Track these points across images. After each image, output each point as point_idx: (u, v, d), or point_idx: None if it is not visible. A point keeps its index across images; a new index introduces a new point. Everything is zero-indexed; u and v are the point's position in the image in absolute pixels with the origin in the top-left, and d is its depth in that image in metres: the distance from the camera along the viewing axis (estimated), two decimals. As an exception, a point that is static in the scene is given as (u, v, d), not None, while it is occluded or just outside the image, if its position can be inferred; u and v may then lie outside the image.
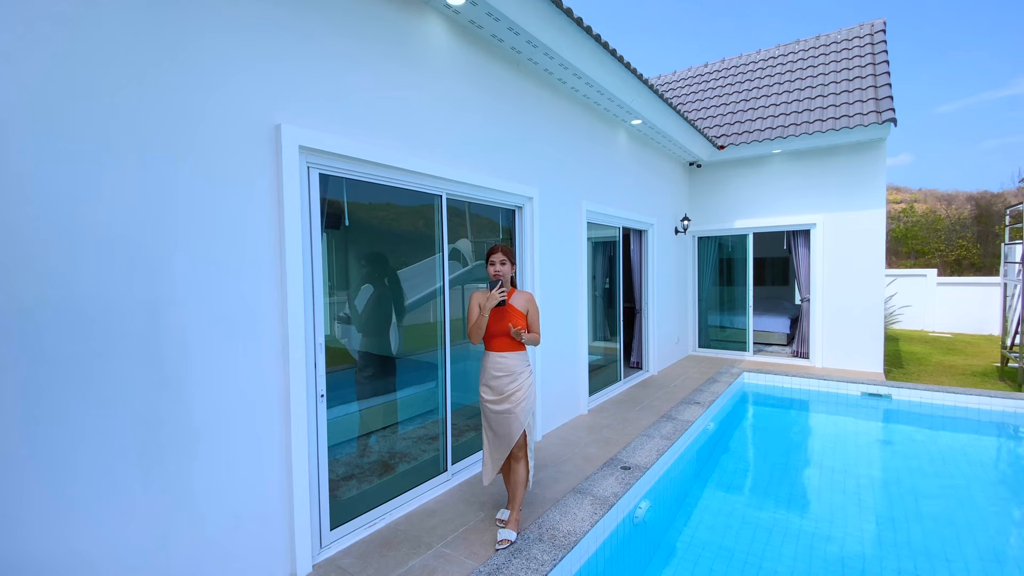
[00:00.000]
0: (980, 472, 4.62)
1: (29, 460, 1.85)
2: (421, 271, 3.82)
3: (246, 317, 2.50)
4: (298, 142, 2.69)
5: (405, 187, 3.49)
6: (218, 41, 2.38)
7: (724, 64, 10.93)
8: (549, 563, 2.73)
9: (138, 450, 2.12)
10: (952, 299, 12.68)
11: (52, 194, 1.89)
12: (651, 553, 3.43)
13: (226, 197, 2.41)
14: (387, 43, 3.28)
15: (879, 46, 8.70)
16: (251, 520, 2.53)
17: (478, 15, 3.68)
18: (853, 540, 3.39)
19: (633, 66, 5.18)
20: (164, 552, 2.20)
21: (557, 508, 3.36)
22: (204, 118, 2.33)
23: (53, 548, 1.90)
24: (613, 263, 6.84)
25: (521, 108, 4.61)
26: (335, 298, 3.21)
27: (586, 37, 4.40)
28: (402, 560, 2.85)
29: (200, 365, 2.32)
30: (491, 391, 3.09)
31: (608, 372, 6.68)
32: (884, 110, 7.01)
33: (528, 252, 4.75)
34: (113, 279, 2.05)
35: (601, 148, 6.09)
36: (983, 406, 5.99)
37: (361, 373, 3.52)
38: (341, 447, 3.30)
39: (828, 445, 5.43)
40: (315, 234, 2.88)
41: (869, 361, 7.67)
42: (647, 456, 4.22)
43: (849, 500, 3.97)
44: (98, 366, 2.01)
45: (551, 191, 5.07)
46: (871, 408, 6.46)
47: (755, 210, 8.61)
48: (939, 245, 23.08)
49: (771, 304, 10.86)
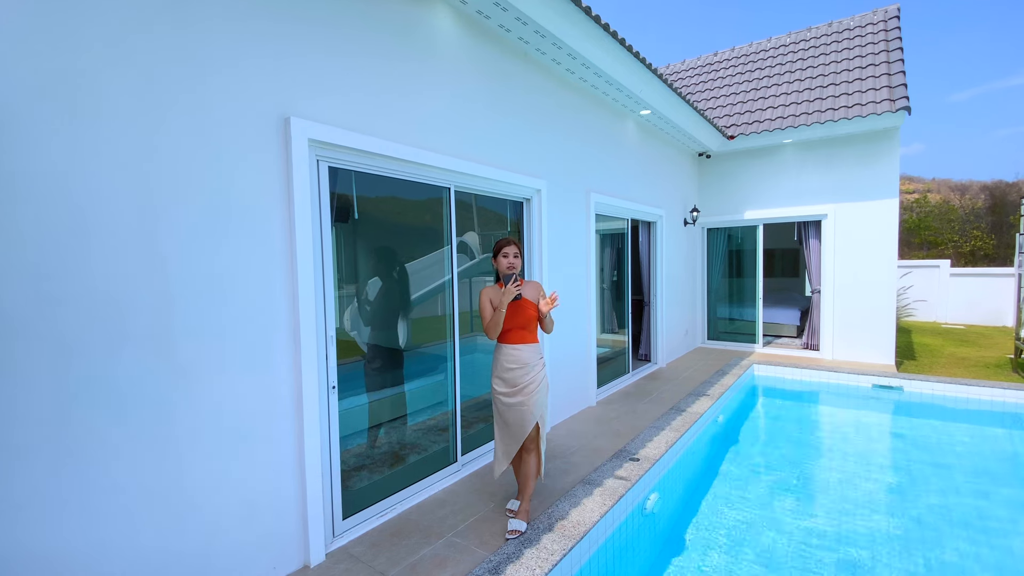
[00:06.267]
0: (993, 465, 4.57)
1: (66, 456, 1.89)
2: (429, 264, 3.82)
3: (259, 309, 2.52)
4: (307, 135, 2.69)
5: (413, 180, 3.49)
6: (226, 33, 2.38)
7: (734, 52, 10.77)
8: (559, 553, 2.75)
9: (152, 441, 2.15)
10: (965, 290, 12.49)
11: (66, 191, 1.91)
12: (661, 544, 3.44)
13: (236, 191, 2.42)
14: (394, 34, 3.26)
15: (893, 32, 8.52)
16: (265, 510, 2.57)
17: (485, 5, 3.65)
18: (861, 534, 3.38)
19: (642, 55, 5.12)
20: (179, 541, 2.24)
21: (567, 499, 3.38)
22: (214, 110, 2.34)
23: (72, 540, 1.94)
24: (621, 255, 6.80)
25: (529, 100, 4.57)
26: (344, 291, 3.22)
27: (594, 26, 4.35)
28: (413, 549, 2.88)
29: (216, 356, 2.34)
30: (504, 383, 3.10)
31: (617, 364, 6.67)
32: (898, 98, 6.88)
33: (536, 244, 4.74)
34: (129, 271, 2.07)
35: (609, 139, 6.04)
36: (996, 398, 5.92)
37: (370, 365, 3.55)
38: (352, 438, 3.34)
39: (838, 438, 5.40)
40: (325, 227, 2.89)
41: (880, 353, 7.60)
42: (656, 448, 4.22)
43: (860, 493, 3.95)
44: (115, 356, 2.04)
45: (559, 183, 5.05)
46: (882, 400, 6.41)
47: (765, 201, 8.51)
48: (952, 236, 22.71)
49: (781, 296, 10.77)
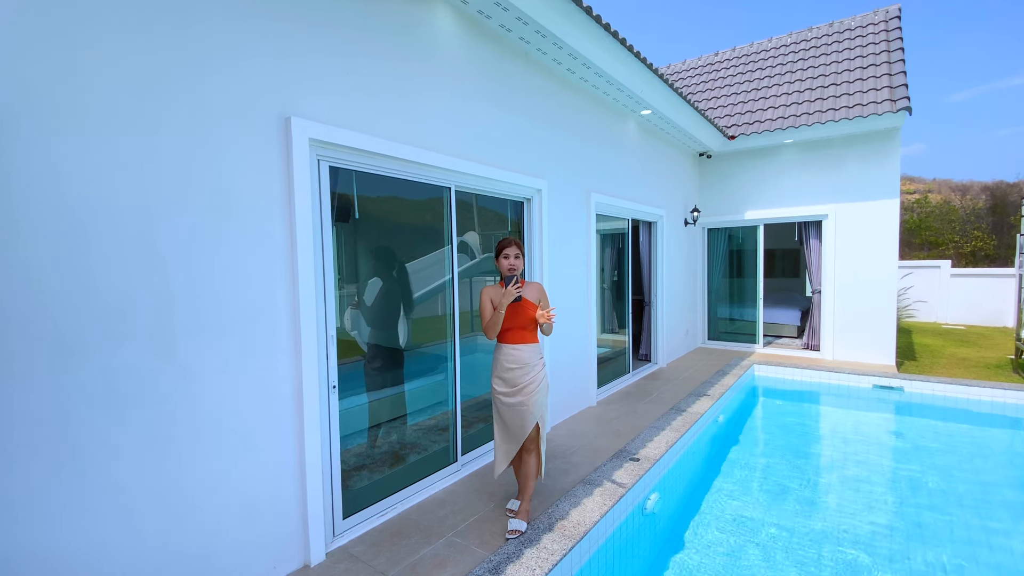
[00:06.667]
0: (993, 466, 4.57)
1: (66, 456, 1.89)
2: (430, 264, 3.82)
3: (259, 309, 2.52)
4: (308, 135, 2.69)
5: (414, 179, 3.49)
6: (227, 33, 2.38)
7: (735, 52, 10.76)
8: (559, 552, 2.75)
9: (152, 441, 2.15)
10: (966, 291, 12.48)
11: (63, 191, 1.92)
12: (661, 544, 3.44)
13: (237, 190, 2.42)
14: (395, 34, 3.26)
15: (894, 32, 8.51)
16: (265, 509, 2.57)
17: (486, 4, 3.65)
18: (861, 535, 3.38)
19: (643, 55, 5.12)
20: (179, 541, 2.24)
21: (567, 499, 3.38)
22: (214, 110, 2.34)
23: (72, 540, 1.95)
24: (622, 255, 6.80)
25: (530, 100, 4.57)
26: (344, 291, 3.22)
27: (595, 26, 4.35)
28: (414, 548, 2.88)
29: (217, 356, 2.35)
30: (504, 383, 3.10)
31: (617, 364, 6.67)
32: (899, 98, 6.87)
33: (537, 244, 4.74)
34: (129, 271, 2.07)
35: (610, 139, 6.04)
36: (997, 398, 5.92)
37: (370, 365, 3.55)
38: (352, 438, 3.34)
39: (838, 439, 5.40)
40: (326, 227, 2.89)
41: (881, 353, 7.59)
42: (656, 448, 4.22)
43: (860, 494, 3.95)
44: (115, 356, 2.04)
45: (560, 183, 5.05)
46: (882, 401, 6.40)
47: (766, 201, 8.51)
48: (953, 236, 22.68)
49: (782, 296, 10.76)
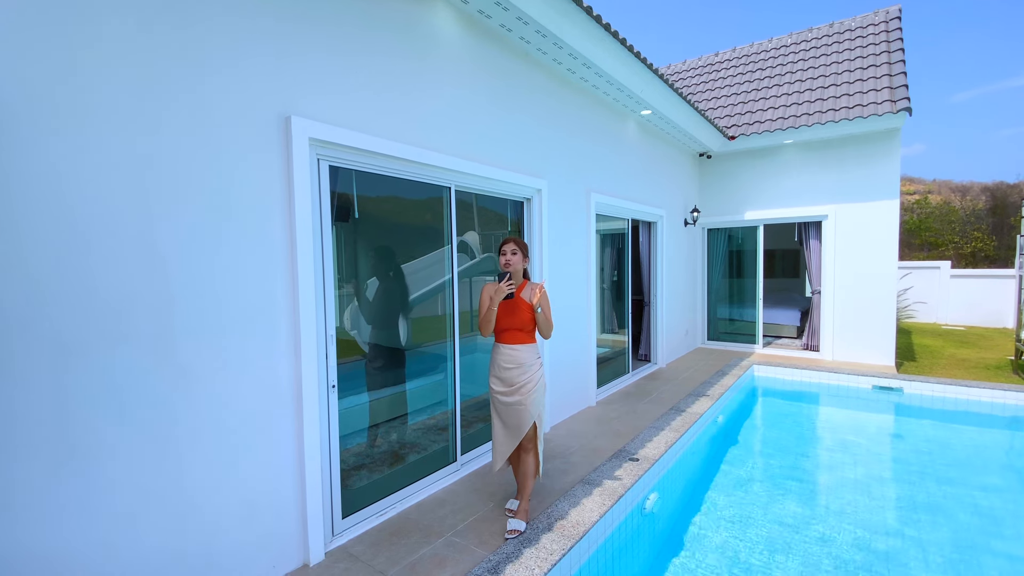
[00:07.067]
0: (993, 467, 4.57)
1: (66, 456, 1.89)
2: (430, 263, 3.83)
3: (259, 309, 2.52)
4: (308, 134, 2.69)
5: (414, 179, 3.49)
6: (227, 33, 2.38)
7: (735, 53, 10.77)
8: (558, 552, 2.75)
9: (152, 441, 2.15)
10: (966, 291, 12.48)
11: (61, 193, 1.92)
12: (660, 544, 3.44)
13: (236, 190, 2.42)
14: (395, 33, 3.26)
15: (894, 33, 8.52)
16: (265, 509, 2.57)
17: (486, 4, 3.65)
18: (861, 535, 3.38)
19: (643, 55, 5.12)
20: (179, 540, 2.24)
21: (566, 499, 3.38)
22: (214, 110, 2.33)
23: (72, 540, 1.95)
24: (622, 255, 6.80)
25: (530, 100, 4.57)
26: (344, 290, 3.23)
27: (596, 26, 4.35)
28: (413, 548, 2.88)
29: (217, 355, 2.35)
30: (501, 383, 3.10)
31: (616, 364, 6.67)
32: (899, 99, 6.88)
33: (536, 244, 4.74)
34: (128, 270, 2.07)
35: (610, 139, 6.04)
36: (997, 399, 5.92)
37: (371, 364, 3.55)
38: (351, 437, 3.34)
39: (838, 439, 5.40)
40: (325, 226, 2.89)
41: (880, 354, 7.59)
42: (656, 448, 4.23)
43: (859, 495, 3.95)
44: (115, 356, 2.04)
45: (560, 183, 5.05)
46: (882, 402, 6.41)
47: (766, 201, 8.51)
48: (953, 237, 22.68)
49: (781, 296, 10.76)
